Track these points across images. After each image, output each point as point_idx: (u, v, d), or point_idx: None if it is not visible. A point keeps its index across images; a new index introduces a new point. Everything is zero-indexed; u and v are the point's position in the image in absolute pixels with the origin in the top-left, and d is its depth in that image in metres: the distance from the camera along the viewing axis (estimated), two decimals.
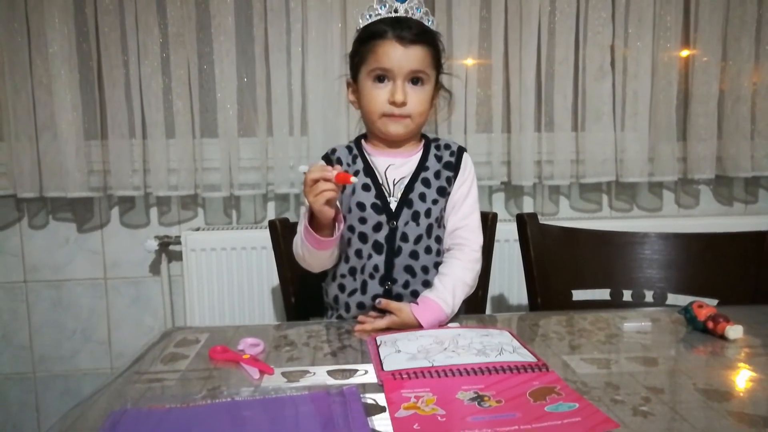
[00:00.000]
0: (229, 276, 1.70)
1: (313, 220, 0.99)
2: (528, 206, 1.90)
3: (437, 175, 1.09)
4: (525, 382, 0.71)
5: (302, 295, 1.29)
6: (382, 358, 0.79)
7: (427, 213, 1.07)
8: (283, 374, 0.76)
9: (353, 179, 0.93)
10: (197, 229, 1.75)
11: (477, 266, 1.09)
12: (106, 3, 1.67)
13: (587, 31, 1.77)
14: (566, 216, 1.91)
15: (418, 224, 1.06)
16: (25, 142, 1.69)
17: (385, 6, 1.05)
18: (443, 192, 1.09)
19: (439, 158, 1.11)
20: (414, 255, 1.07)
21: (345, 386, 0.69)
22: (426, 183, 1.08)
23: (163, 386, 0.74)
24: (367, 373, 0.76)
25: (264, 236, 1.40)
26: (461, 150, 1.13)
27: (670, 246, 1.31)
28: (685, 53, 1.85)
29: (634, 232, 1.33)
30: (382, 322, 0.97)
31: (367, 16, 1.07)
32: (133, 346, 1.80)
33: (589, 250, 1.34)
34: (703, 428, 0.59)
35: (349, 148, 1.13)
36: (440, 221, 1.10)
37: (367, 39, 1.05)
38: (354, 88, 1.11)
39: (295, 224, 1.34)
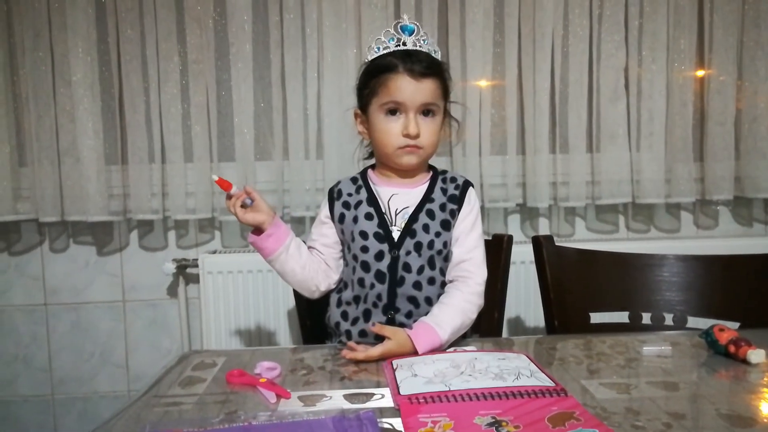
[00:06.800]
0: (246, 298, 1.71)
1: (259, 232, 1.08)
2: (544, 228, 1.89)
3: (442, 207, 1.09)
4: (543, 407, 0.70)
5: (318, 318, 1.29)
6: (398, 382, 0.79)
7: (430, 245, 1.06)
8: (300, 398, 0.76)
9: (233, 189, 1.06)
10: (214, 252, 1.77)
11: (479, 301, 1.06)
12: (128, 33, 1.71)
13: (601, 54, 1.78)
14: (582, 238, 1.90)
15: (420, 255, 1.06)
16: (48, 168, 1.73)
17: (393, 39, 1.06)
18: (447, 225, 1.08)
19: (444, 191, 1.11)
20: (417, 286, 1.06)
21: (362, 410, 0.69)
22: (430, 214, 1.08)
23: (180, 410, 0.74)
24: (383, 398, 0.75)
25: None
26: (467, 184, 1.13)
27: (689, 268, 1.29)
28: (700, 73, 1.85)
29: (652, 254, 1.31)
30: (376, 351, 0.93)
31: (376, 50, 1.07)
32: (151, 369, 1.81)
33: (606, 272, 1.32)
34: None
35: (353, 179, 1.15)
36: (443, 254, 1.08)
37: (378, 72, 1.05)
38: (363, 119, 1.12)
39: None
